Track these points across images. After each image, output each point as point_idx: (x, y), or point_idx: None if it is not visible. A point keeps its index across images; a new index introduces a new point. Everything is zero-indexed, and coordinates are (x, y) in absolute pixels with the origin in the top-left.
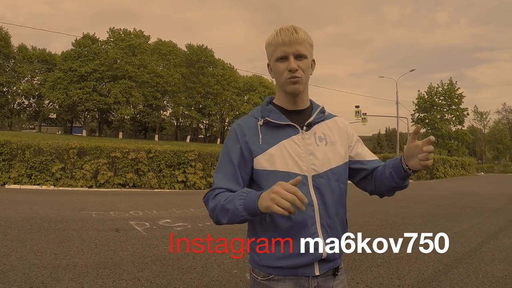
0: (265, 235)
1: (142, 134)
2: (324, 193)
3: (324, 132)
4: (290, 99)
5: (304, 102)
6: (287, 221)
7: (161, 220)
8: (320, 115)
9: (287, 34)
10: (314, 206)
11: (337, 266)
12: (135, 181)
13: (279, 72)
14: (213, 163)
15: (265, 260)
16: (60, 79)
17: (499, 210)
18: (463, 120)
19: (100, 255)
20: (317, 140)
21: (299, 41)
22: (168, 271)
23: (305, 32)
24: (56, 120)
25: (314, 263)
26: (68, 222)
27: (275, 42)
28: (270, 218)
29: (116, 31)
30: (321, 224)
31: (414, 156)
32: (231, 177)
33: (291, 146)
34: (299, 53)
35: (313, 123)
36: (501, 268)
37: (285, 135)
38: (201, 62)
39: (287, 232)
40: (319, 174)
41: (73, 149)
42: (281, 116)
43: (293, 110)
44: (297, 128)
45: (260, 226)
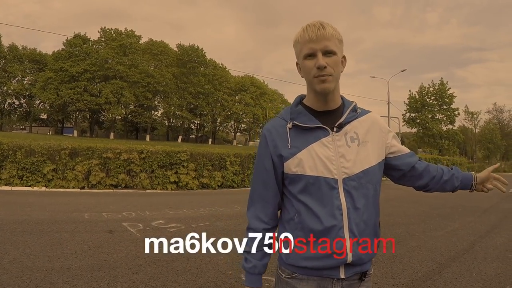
0: (292, 235)
1: (134, 135)
2: (355, 196)
3: (356, 131)
4: (320, 98)
5: (335, 101)
6: (314, 223)
7: (154, 221)
8: (352, 114)
9: (314, 30)
10: (342, 210)
11: (365, 271)
12: (128, 182)
13: (307, 70)
14: (205, 164)
15: (291, 259)
16: (51, 79)
17: (490, 208)
18: (454, 120)
19: (94, 257)
20: (349, 141)
21: (327, 36)
22: (162, 273)
23: (333, 27)
24: (47, 120)
25: (339, 266)
26: (60, 224)
27: (302, 39)
28: (299, 218)
29: (107, 30)
30: (349, 228)
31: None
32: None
33: (320, 149)
34: (327, 49)
35: (344, 123)
36: (494, 267)
37: (314, 138)
38: (193, 62)
39: (313, 233)
40: (350, 176)
41: (65, 150)
42: (310, 118)
43: (323, 111)
44: (327, 130)
45: (288, 225)
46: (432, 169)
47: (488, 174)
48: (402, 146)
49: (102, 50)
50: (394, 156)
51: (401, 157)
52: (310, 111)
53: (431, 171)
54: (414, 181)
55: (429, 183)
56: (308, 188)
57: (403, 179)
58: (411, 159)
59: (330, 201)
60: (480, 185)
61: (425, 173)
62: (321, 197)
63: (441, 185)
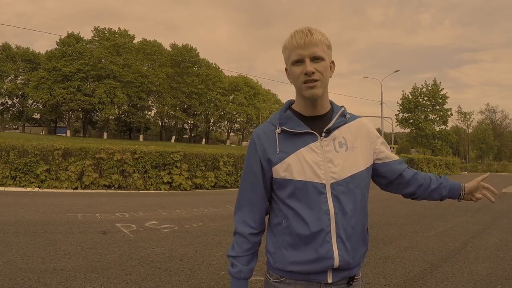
0: (280, 239)
1: (127, 134)
2: (343, 201)
3: (344, 136)
4: (308, 104)
5: (323, 106)
6: (301, 228)
7: (148, 222)
8: (341, 119)
9: (302, 36)
10: (330, 215)
11: (352, 276)
12: (121, 182)
13: (295, 76)
14: (198, 164)
15: (278, 263)
16: (44, 78)
17: (483, 208)
18: (447, 120)
19: (87, 258)
20: (337, 146)
21: (314, 42)
22: (156, 274)
23: (321, 33)
24: (40, 120)
25: (327, 271)
26: (54, 225)
27: (290, 45)
28: (286, 222)
29: (101, 30)
30: (337, 233)
31: (473, 192)
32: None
33: (309, 154)
34: (315, 55)
35: (333, 128)
36: (485, 267)
37: (303, 143)
38: (186, 62)
39: (300, 238)
40: (337, 181)
41: (58, 150)
42: (299, 123)
43: (312, 116)
44: (315, 135)
45: (276, 230)
46: (420, 177)
47: (477, 184)
48: (391, 153)
49: (95, 50)
50: (382, 163)
51: (389, 164)
52: (299, 116)
53: (419, 179)
54: (401, 188)
55: (417, 191)
56: (296, 193)
57: (390, 186)
58: (399, 166)
59: (318, 205)
60: (468, 195)
61: (413, 181)
62: (309, 201)
63: (429, 193)
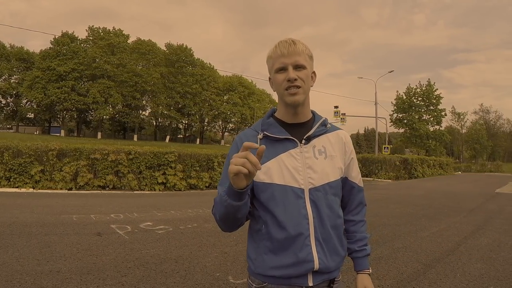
0: (260, 244)
1: (121, 134)
2: (320, 206)
3: (324, 145)
4: (290, 111)
5: (305, 114)
6: (281, 232)
7: (143, 223)
8: (321, 128)
9: (285, 46)
10: (308, 219)
11: (333, 278)
12: (115, 183)
13: (278, 83)
14: (193, 164)
15: (259, 268)
16: (38, 78)
17: (476, 209)
18: (441, 121)
19: (83, 260)
20: (316, 153)
21: (297, 52)
22: (151, 276)
23: (303, 44)
24: (34, 120)
25: (307, 274)
26: (49, 227)
27: (274, 54)
28: (266, 228)
29: (96, 29)
30: (315, 237)
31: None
32: None
33: (288, 159)
34: (297, 64)
35: (313, 136)
36: (478, 267)
37: (283, 148)
38: (181, 62)
39: (280, 243)
40: (316, 187)
41: (53, 151)
42: (280, 129)
43: (293, 123)
44: (295, 141)
45: (257, 235)
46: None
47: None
48: (358, 175)
49: (90, 49)
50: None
51: (347, 182)
52: (280, 123)
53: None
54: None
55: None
56: (275, 197)
57: None
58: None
59: (296, 210)
60: None
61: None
62: (288, 206)
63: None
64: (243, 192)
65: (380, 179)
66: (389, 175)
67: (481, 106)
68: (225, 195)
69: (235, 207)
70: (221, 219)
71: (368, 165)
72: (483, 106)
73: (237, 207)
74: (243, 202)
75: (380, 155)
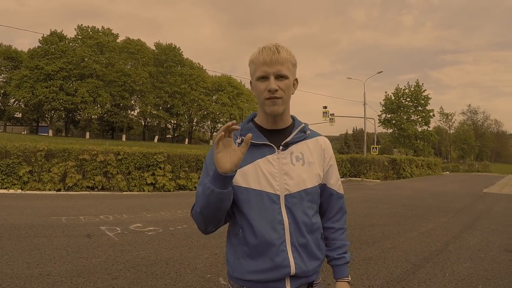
0: (238, 249)
1: (110, 134)
2: (296, 212)
3: (302, 152)
4: (269, 118)
5: (284, 121)
6: (255, 238)
7: (132, 225)
8: (300, 135)
9: (269, 53)
10: (284, 225)
11: (311, 281)
12: (104, 184)
13: (259, 91)
14: (182, 165)
15: (237, 272)
16: (26, 77)
17: (464, 208)
18: (429, 121)
19: (73, 262)
20: (294, 160)
21: (280, 61)
22: (142, 278)
23: (288, 51)
24: (22, 119)
25: (284, 278)
26: (38, 229)
27: (257, 61)
28: (243, 233)
29: (84, 28)
30: (291, 242)
31: None
32: None
33: (265, 165)
34: (279, 73)
35: (291, 143)
36: (466, 267)
37: (261, 154)
38: (170, 61)
39: (256, 248)
40: (291, 194)
41: (41, 151)
42: (258, 135)
43: (272, 129)
44: (273, 147)
45: (235, 239)
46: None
47: None
48: (338, 182)
49: (78, 48)
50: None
51: (325, 189)
52: (259, 129)
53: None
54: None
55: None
56: (250, 202)
57: None
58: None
59: (272, 215)
60: None
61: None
62: (264, 211)
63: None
64: (227, 178)
65: (368, 179)
66: (378, 175)
67: (469, 106)
68: (209, 182)
69: (218, 196)
70: (202, 211)
71: (356, 165)
72: (471, 106)
73: (219, 196)
74: (226, 191)
75: (369, 155)
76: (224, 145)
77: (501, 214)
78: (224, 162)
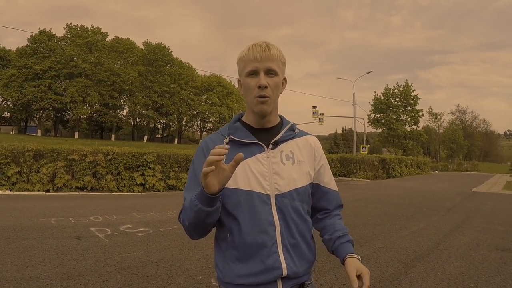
0: (227, 253)
1: (99, 134)
2: (287, 213)
3: (292, 150)
4: (257, 117)
5: (272, 120)
6: (246, 240)
7: (122, 226)
8: (289, 133)
9: (259, 50)
10: (275, 225)
11: (302, 282)
12: (93, 184)
13: (248, 88)
14: (172, 165)
15: (227, 277)
16: (14, 76)
17: (454, 207)
18: (418, 121)
19: (63, 265)
20: (284, 158)
21: (271, 58)
22: (133, 280)
23: (278, 50)
24: (10, 119)
25: (276, 280)
26: (27, 230)
27: (247, 57)
28: (231, 236)
29: (73, 27)
30: (283, 243)
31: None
32: None
33: (254, 164)
34: (270, 69)
35: (280, 141)
36: (457, 266)
37: (249, 153)
38: (159, 61)
39: (247, 250)
40: (282, 193)
41: (29, 152)
42: (247, 134)
43: (260, 128)
44: (262, 146)
45: (223, 243)
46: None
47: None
48: (331, 180)
49: (67, 47)
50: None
51: (319, 188)
52: (248, 127)
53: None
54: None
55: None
56: (240, 203)
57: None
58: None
59: (262, 216)
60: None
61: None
62: (254, 212)
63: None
64: (215, 198)
65: (358, 179)
66: (368, 174)
67: (458, 106)
68: (195, 199)
69: (206, 213)
70: (190, 225)
71: (346, 164)
72: (460, 106)
73: (207, 213)
74: (214, 208)
75: (358, 155)
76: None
77: (490, 213)
78: (213, 184)
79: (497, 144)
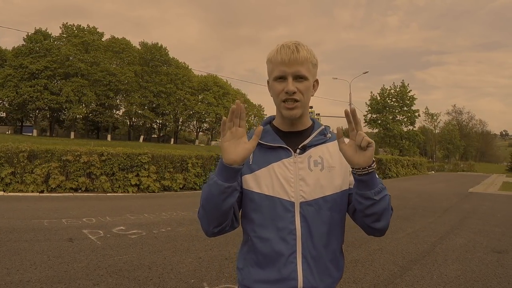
0: (247, 256)
1: (95, 134)
2: (311, 222)
3: (322, 155)
4: (287, 121)
5: (303, 124)
6: (264, 246)
7: (115, 228)
8: (320, 137)
9: (288, 52)
10: (296, 235)
11: None
12: (88, 185)
13: (276, 92)
14: (166, 166)
15: (245, 280)
16: (10, 76)
17: (450, 208)
18: (415, 121)
19: (54, 268)
20: (312, 164)
21: (299, 61)
22: (124, 284)
23: (308, 51)
24: (6, 119)
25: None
26: (19, 232)
27: (275, 60)
28: (251, 241)
29: (69, 26)
30: (303, 254)
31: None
32: None
33: (280, 169)
34: (298, 74)
35: (309, 146)
36: (454, 268)
37: (276, 157)
38: (155, 61)
39: (264, 257)
40: (307, 201)
41: (23, 152)
42: (275, 137)
43: (290, 132)
44: (290, 151)
45: (245, 246)
46: None
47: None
48: None
49: (63, 47)
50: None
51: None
52: (276, 131)
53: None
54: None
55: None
56: (262, 208)
57: (355, 215)
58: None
59: (283, 224)
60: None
61: None
62: (275, 219)
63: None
64: (232, 170)
65: None
66: None
67: (454, 107)
68: (214, 175)
69: (220, 188)
70: (203, 205)
71: None
72: (456, 107)
73: (221, 188)
74: (229, 185)
75: None
76: (233, 135)
77: (487, 214)
78: (230, 152)
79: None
